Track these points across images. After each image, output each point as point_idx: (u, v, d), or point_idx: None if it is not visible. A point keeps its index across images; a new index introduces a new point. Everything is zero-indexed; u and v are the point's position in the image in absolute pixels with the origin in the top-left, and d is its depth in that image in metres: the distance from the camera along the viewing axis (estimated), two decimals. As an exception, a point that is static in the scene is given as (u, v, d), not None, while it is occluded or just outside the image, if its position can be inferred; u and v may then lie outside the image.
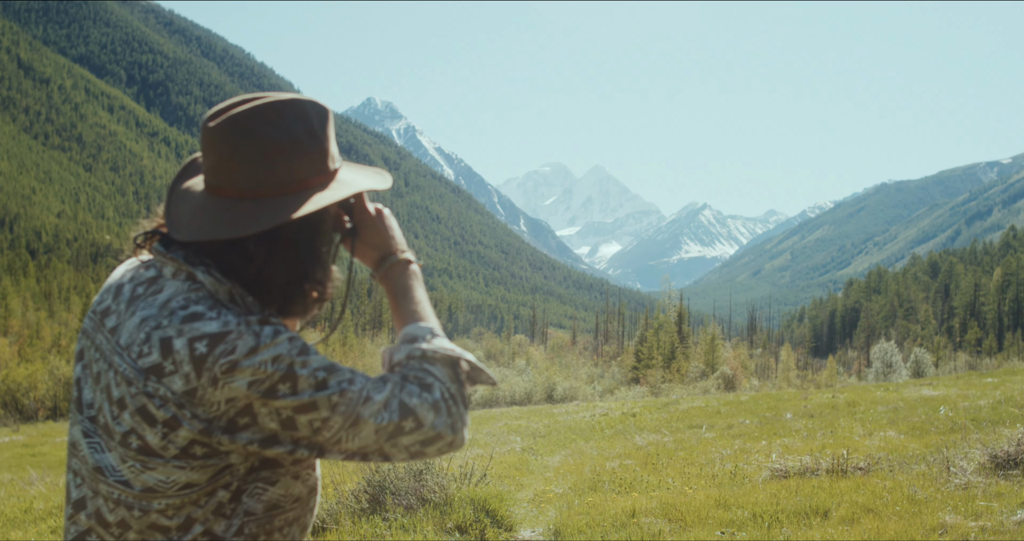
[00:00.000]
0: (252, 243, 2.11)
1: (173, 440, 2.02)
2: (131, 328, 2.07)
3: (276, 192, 2.11)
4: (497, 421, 27.85)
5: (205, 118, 2.13)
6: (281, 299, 2.16)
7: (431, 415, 2.09)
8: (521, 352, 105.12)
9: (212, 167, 2.13)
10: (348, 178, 2.26)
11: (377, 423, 2.05)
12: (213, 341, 1.98)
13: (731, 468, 12.71)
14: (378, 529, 9.03)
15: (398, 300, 2.32)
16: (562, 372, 72.79)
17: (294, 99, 2.14)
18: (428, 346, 2.17)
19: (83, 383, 2.19)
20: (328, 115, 2.20)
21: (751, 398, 31.44)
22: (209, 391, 1.98)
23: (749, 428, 18.94)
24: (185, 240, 2.10)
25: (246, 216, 2.07)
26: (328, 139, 2.20)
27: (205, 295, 2.07)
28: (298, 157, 2.12)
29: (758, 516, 8.92)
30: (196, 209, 2.15)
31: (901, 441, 14.33)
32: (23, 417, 48.55)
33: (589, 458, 15.40)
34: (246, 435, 2.03)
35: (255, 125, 2.08)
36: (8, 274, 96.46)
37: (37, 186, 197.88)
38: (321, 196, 2.14)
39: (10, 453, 27.59)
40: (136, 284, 2.17)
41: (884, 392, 28.24)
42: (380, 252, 2.37)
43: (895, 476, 10.78)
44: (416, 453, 2.11)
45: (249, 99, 2.13)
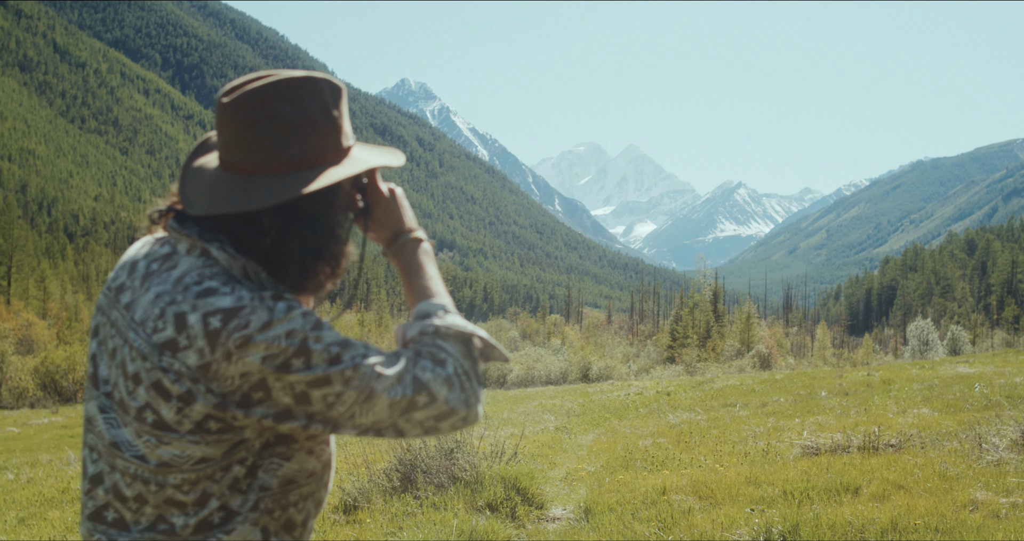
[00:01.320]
0: (266, 217, 2.12)
1: (188, 415, 2.03)
2: (146, 304, 2.09)
3: (290, 167, 2.11)
4: (532, 400, 27.89)
5: (220, 94, 2.14)
6: (295, 274, 2.17)
7: (444, 390, 2.09)
8: (556, 332, 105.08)
9: (227, 142, 2.14)
10: (361, 155, 2.27)
11: (391, 398, 2.05)
12: (227, 316, 1.99)
13: (763, 446, 12.68)
14: (409, 507, 9.06)
15: (410, 277, 2.33)
16: (597, 352, 72.62)
17: (308, 76, 2.15)
18: (441, 322, 2.18)
19: (99, 359, 2.20)
20: (342, 93, 2.21)
21: (786, 376, 31.37)
22: (223, 366, 1.99)
23: (783, 406, 18.89)
24: (199, 214, 2.12)
25: (260, 190, 2.09)
26: (342, 116, 2.21)
27: (219, 270, 2.09)
28: (312, 133, 2.13)
29: (788, 493, 8.90)
30: (210, 185, 2.16)
31: (935, 418, 14.26)
32: (62, 399, 48.89)
33: (622, 436, 15.39)
34: (260, 409, 2.04)
35: (270, 101, 2.09)
36: (47, 257, 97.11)
37: (74, 170, 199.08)
38: (335, 171, 2.15)
39: (49, 434, 27.81)
40: (151, 260, 2.19)
41: (920, 370, 28.12)
42: (392, 230, 2.38)
43: (927, 453, 10.72)
44: (430, 428, 2.12)
45: (264, 75, 2.14)
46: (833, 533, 7.26)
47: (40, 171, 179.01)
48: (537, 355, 69.89)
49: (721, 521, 7.93)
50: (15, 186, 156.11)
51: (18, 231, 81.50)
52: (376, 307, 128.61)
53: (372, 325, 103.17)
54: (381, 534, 8.25)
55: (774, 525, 7.50)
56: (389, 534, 8.20)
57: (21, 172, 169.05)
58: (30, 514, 11.67)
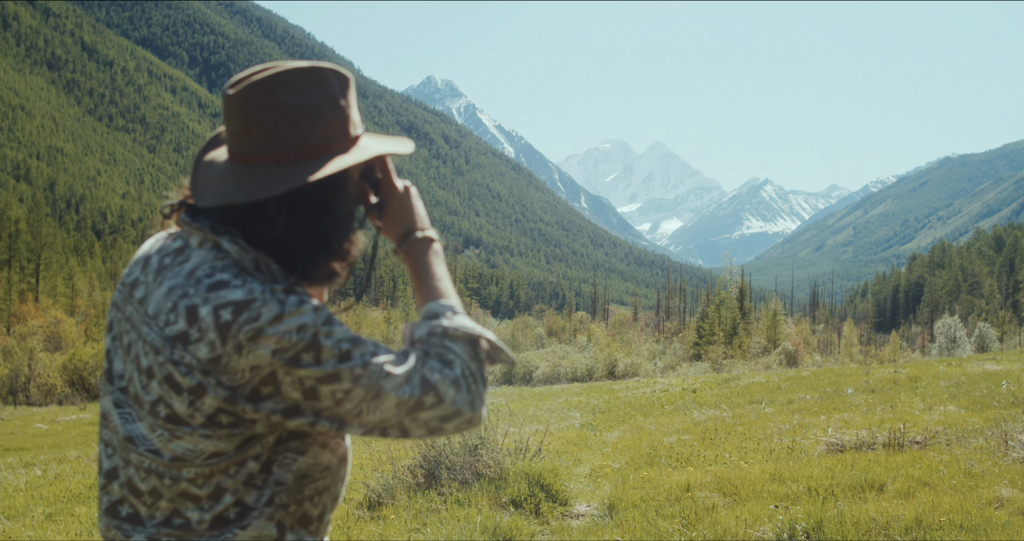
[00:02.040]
0: (274, 206, 2.13)
1: (199, 408, 2.04)
2: (158, 298, 2.10)
3: (298, 157, 2.12)
4: (558, 397, 27.91)
5: (226, 86, 2.15)
6: (304, 264, 2.18)
7: (452, 391, 2.11)
8: (582, 329, 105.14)
9: (234, 134, 2.15)
10: (369, 144, 2.27)
11: (399, 397, 2.07)
12: (238, 308, 2.00)
13: (788, 443, 12.66)
14: (433, 503, 9.08)
15: (420, 277, 2.34)
16: (623, 349, 72.71)
17: (314, 66, 2.15)
18: (449, 323, 2.20)
19: (113, 354, 2.22)
20: (349, 82, 2.22)
21: (812, 374, 31.30)
22: (234, 358, 2.00)
23: (809, 403, 18.85)
24: (209, 205, 2.13)
25: (268, 179, 2.09)
26: (350, 105, 2.21)
27: (230, 263, 2.10)
28: (319, 122, 2.13)
29: (813, 490, 8.89)
30: (220, 177, 2.17)
31: (961, 415, 14.22)
32: (90, 395, 49.19)
33: (647, 433, 15.40)
34: (269, 404, 2.05)
35: (276, 91, 2.10)
36: (75, 255, 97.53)
37: (102, 168, 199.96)
38: (342, 159, 2.16)
39: (77, 431, 28.00)
40: (163, 255, 2.20)
41: (947, 367, 28.03)
42: (404, 228, 2.39)
43: (952, 450, 10.70)
44: (435, 429, 2.13)
45: (269, 67, 2.14)
46: (857, 530, 7.25)
47: (68, 169, 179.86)
48: (563, 352, 70.07)
49: (745, 518, 7.92)
50: (44, 184, 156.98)
51: (47, 229, 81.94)
52: (403, 304, 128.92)
53: (398, 322, 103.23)
54: (405, 530, 8.27)
55: (798, 522, 7.49)
56: (413, 530, 8.22)
57: (50, 170, 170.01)
58: (57, 510, 11.74)
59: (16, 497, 13.19)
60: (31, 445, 24.37)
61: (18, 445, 24.56)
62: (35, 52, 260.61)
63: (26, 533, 10.29)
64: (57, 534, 10.10)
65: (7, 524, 10.98)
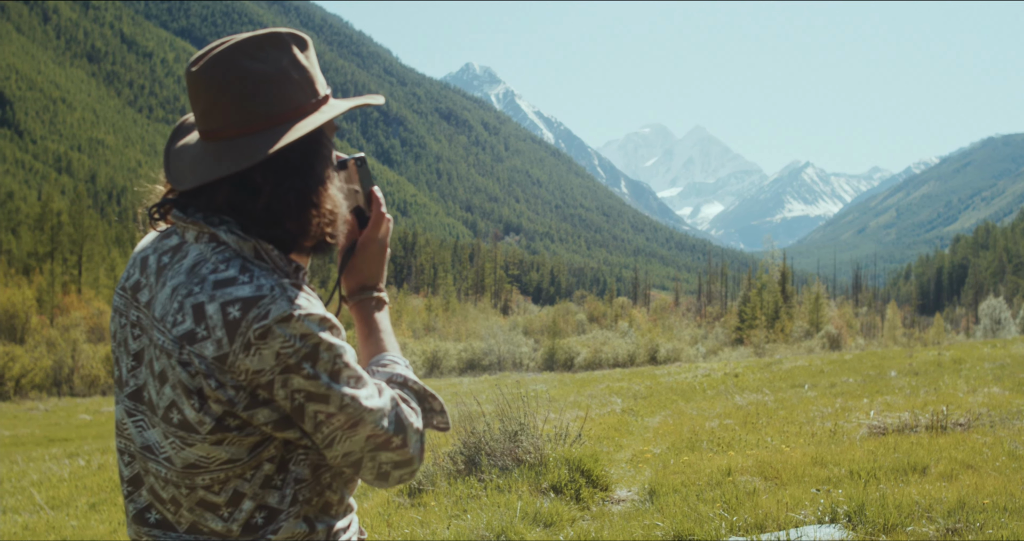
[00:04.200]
0: (258, 176, 2.11)
1: (207, 412, 2.03)
2: (163, 299, 2.09)
3: (270, 123, 2.11)
4: (599, 383, 27.89)
5: (188, 64, 2.15)
6: (295, 231, 2.16)
7: (414, 438, 2.17)
8: (624, 314, 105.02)
9: (204, 112, 2.14)
10: (338, 103, 2.27)
11: (373, 430, 2.10)
12: (246, 305, 1.99)
13: (830, 426, 12.59)
14: (473, 490, 9.10)
15: (370, 330, 2.42)
16: (665, 334, 72.67)
17: (272, 32, 2.15)
18: (408, 374, 2.29)
19: (121, 362, 2.22)
20: (308, 43, 2.21)
21: (855, 357, 31.14)
22: (240, 357, 1.99)
23: (852, 387, 18.76)
24: (192, 186, 2.12)
25: (246, 150, 2.08)
26: (313, 66, 2.21)
27: (231, 255, 2.09)
28: (286, 86, 2.13)
29: (855, 473, 8.84)
30: (196, 158, 2.16)
31: (1005, 397, 14.11)
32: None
33: (689, 418, 15.36)
34: (264, 412, 2.05)
35: (238, 60, 2.10)
36: (116, 246, 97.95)
37: (143, 159, 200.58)
38: (315, 117, 2.16)
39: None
40: (160, 254, 2.19)
41: (991, 349, 27.84)
42: (363, 282, 2.46)
43: (996, 432, 10.61)
44: (383, 474, 2.17)
45: (227, 39, 2.14)
46: (899, 513, 7.20)
47: (109, 161, 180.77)
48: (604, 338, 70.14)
49: (786, 501, 7.90)
50: (85, 176, 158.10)
51: (88, 221, 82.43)
52: (443, 291, 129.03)
53: (439, 310, 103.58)
54: (445, 517, 8.29)
55: (839, 505, 7.45)
56: (454, 517, 8.24)
57: (91, 162, 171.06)
58: (100, 500, 11.84)
59: (60, 487, 13.33)
60: (75, 436, 24.57)
61: (62, 436, 24.78)
62: (75, 45, 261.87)
63: (69, 522, 10.39)
64: (100, 524, 10.19)
65: (51, 514, 11.09)
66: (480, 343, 66.83)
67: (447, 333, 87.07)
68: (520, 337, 71.48)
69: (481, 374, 52.88)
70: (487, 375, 48.21)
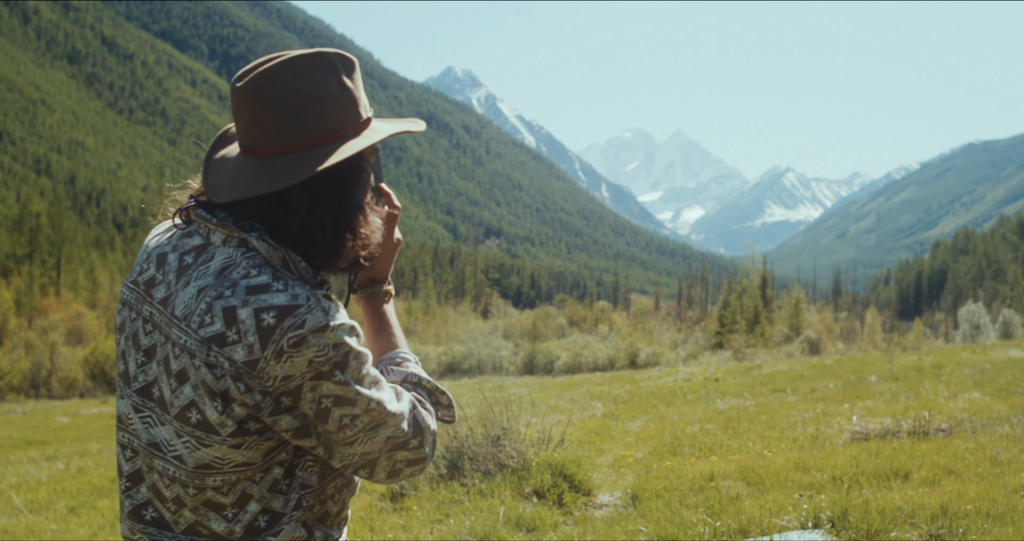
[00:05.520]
0: (295, 196, 2.11)
1: (230, 414, 2.03)
2: (187, 299, 2.08)
3: (311, 144, 2.11)
4: (579, 387, 27.89)
5: (233, 80, 2.14)
6: (328, 252, 2.16)
7: (430, 439, 2.22)
8: (604, 318, 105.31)
9: (246, 127, 2.14)
10: (381, 126, 2.27)
11: (393, 431, 2.14)
12: (281, 313, 1.99)
13: (812, 431, 12.61)
14: (456, 495, 9.08)
15: (381, 324, 2.47)
16: (645, 338, 72.75)
17: (319, 52, 2.15)
18: (420, 373, 2.35)
19: (128, 356, 2.20)
20: (355, 65, 2.22)
21: (835, 362, 31.27)
22: (271, 364, 1.99)
23: (832, 391, 18.79)
24: (228, 199, 2.11)
25: (285, 169, 2.08)
26: (358, 88, 2.21)
27: (261, 262, 2.09)
28: (330, 107, 2.13)
29: (837, 479, 8.85)
30: (235, 172, 2.15)
31: (986, 402, 14.15)
32: (111, 389, 49.50)
33: (670, 423, 15.36)
34: (287, 418, 2.06)
35: (285, 79, 2.10)
36: (96, 248, 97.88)
37: (123, 161, 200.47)
38: (356, 142, 2.16)
39: (99, 424, 28.16)
40: (182, 253, 2.17)
41: (971, 354, 27.95)
42: (374, 275, 2.50)
43: (978, 437, 10.64)
44: (395, 472, 2.21)
45: (275, 56, 2.14)
46: (882, 518, 7.21)
47: (89, 163, 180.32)
48: (584, 342, 70.29)
49: (769, 507, 7.90)
50: (64, 178, 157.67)
51: (67, 223, 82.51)
52: (423, 295, 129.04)
53: (419, 313, 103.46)
54: (428, 522, 8.28)
55: (823, 511, 7.46)
56: (436, 521, 8.23)
57: (70, 164, 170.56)
58: (80, 503, 11.80)
59: (39, 490, 13.29)
60: (53, 439, 24.49)
61: (40, 438, 24.70)
62: (55, 46, 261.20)
63: (49, 526, 10.34)
64: (80, 527, 10.14)
65: (30, 517, 11.04)
66: (460, 347, 66.87)
67: (427, 336, 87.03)
68: (500, 341, 71.50)
69: (461, 378, 52.87)
70: (467, 379, 48.18)
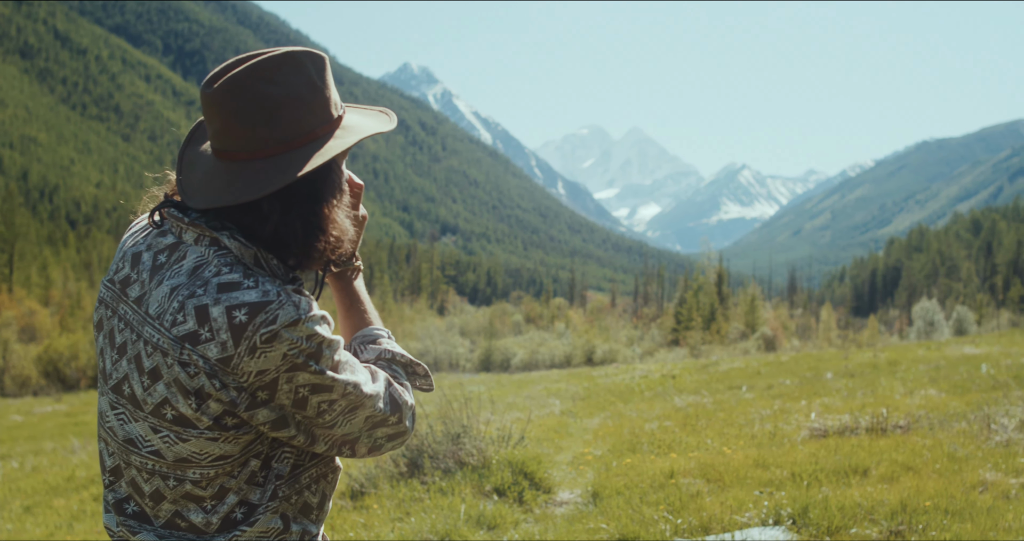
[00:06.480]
0: (265, 203, 2.10)
1: (205, 411, 2.04)
2: (160, 297, 2.08)
3: (284, 148, 2.10)
4: (536, 384, 27.90)
5: (204, 84, 2.12)
6: (299, 255, 2.16)
7: (408, 413, 2.26)
8: (560, 315, 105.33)
9: (217, 132, 2.12)
10: (353, 123, 2.26)
11: (371, 412, 2.17)
12: (253, 310, 2.00)
13: (770, 428, 12.65)
14: (416, 493, 9.07)
15: (352, 301, 2.48)
16: (601, 335, 72.81)
17: (288, 52, 2.12)
18: (394, 349, 2.37)
19: (105, 354, 2.20)
20: (325, 62, 2.19)
21: (791, 358, 31.36)
22: (245, 360, 1.99)
23: (789, 388, 18.87)
24: (200, 207, 2.11)
25: (258, 178, 2.07)
26: (328, 87, 2.19)
27: (233, 260, 2.08)
28: (301, 110, 2.11)
29: (797, 476, 8.88)
30: (208, 175, 2.15)
31: (942, 399, 14.24)
32: (65, 386, 49.14)
33: (628, 420, 15.38)
34: (264, 411, 2.06)
35: (254, 84, 2.07)
36: (49, 245, 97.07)
37: (76, 157, 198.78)
38: (330, 146, 2.15)
39: (53, 422, 27.91)
40: (156, 252, 2.17)
41: (926, 351, 28.12)
42: None
43: (935, 434, 10.71)
44: (377, 446, 2.25)
45: (244, 59, 2.12)
46: (843, 515, 7.25)
47: (41, 158, 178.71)
48: (541, 339, 70.33)
49: (730, 504, 7.92)
50: (16, 174, 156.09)
51: (20, 219, 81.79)
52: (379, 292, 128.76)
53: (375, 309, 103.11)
54: (389, 519, 8.27)
55: (783, 507, 7.49)
56: (397, 519, 8.21)
57: (23, 159, 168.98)
58: (35, 502, 11.72)
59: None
60: (7, 437, 24.29)
61: (-7, 437, 24.48)
62: (7, 41, 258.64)
63: (4, 526, 10.25)
64: (36, 527, 10.07)
65: (-15, 517, 10.93)
66: (416, 344, 66.78)
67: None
68: (457, 338, 71.58)
69: (418, 375, 52.67)
70: (424, 376, 48.03)
